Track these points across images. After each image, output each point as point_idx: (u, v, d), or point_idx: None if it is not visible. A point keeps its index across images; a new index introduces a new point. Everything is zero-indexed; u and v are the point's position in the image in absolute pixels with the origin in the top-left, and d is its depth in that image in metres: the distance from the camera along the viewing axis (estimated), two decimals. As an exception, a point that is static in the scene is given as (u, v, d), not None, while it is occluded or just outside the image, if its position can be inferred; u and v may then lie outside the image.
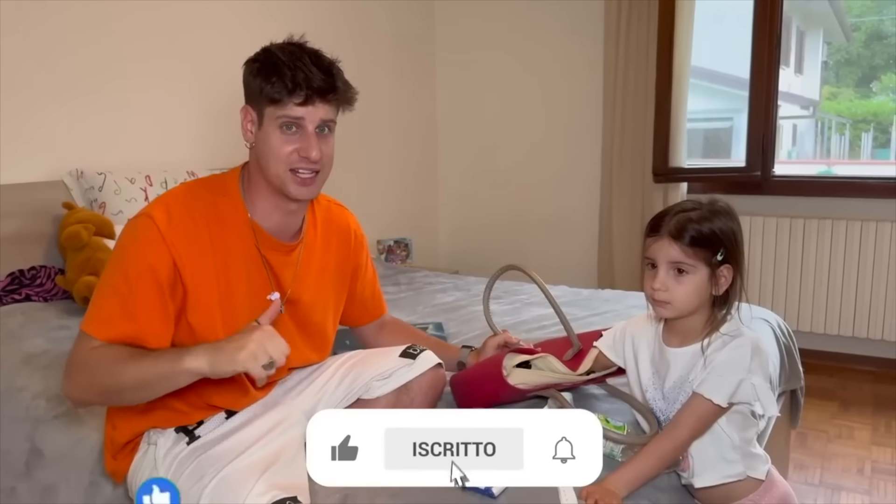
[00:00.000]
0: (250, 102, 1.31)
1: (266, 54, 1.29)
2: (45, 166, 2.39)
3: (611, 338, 1.38)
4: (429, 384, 1.45)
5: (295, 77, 1.24)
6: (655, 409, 1.31)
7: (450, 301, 2.53)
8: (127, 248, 1.25)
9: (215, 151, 2.96)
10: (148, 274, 1.21)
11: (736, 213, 1.25)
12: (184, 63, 2.83)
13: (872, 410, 2.99)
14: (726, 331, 1.22)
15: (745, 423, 1.25)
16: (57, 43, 2.41)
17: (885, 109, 4.90)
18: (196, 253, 1.27)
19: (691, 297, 1.21)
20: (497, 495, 1.15)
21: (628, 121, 3.63)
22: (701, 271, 1.20)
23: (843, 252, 3.34)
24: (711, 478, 1.25)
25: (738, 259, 1.22)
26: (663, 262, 1.22)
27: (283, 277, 1.39)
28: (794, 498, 1.32)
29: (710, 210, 1.22)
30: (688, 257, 1.20)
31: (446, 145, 4.37)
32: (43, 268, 2.26)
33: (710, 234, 1.19)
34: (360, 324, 1.67)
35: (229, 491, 1.17)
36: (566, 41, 3.91)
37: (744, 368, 1.18)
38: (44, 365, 1.74)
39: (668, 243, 1.21)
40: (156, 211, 1.26)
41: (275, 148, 1.28)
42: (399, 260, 3.74)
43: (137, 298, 1.21)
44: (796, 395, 2.25)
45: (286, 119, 1.27)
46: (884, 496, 2.31)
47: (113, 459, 1.41)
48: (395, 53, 3.98)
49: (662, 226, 1.22)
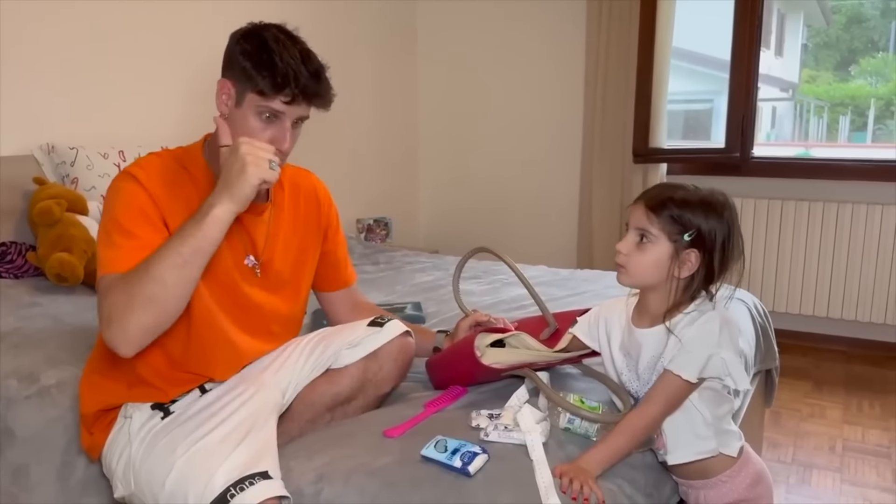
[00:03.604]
0: (231, 78, 1.31)
1: (260, 42, 1.29)
2: (15, 140, 2.34)
3: (585, 323, 1.38)
4: (397, 350, 1.47)
5: (286, 77, 1.26)
6: (631, 391, 1.31)
7: (429, 280, 2.52)
8: (114, 203, 1.28)
9: (190, 126, 2.90)
10: (139, 214, 1.26)
11: (733, 214, 1.21)
12: (158, 36, 2.77)
13: (844, 390, 3.05)
14: (693, 308, 1.22)
15: (717, 400, 1.25)
16: (27, 13, 2.34)
17: (862, 93, 4.95)
18: (175, 206, 1.30)
19: (648, 268, 1.21)
20: (473, 474, 1.15)
21: (609, 101, 3.63)
22: (662, 245, 1.19)
23: (818, 234, 3.38)
24: (684, 454, 1.26)
25: (712, 252, 1.19)
26: (632, 226, 1.23)
27: (256, 237, 1.43)
28: (769, 475, 1.34)
29: (700, 199, 1.20)
30: (651, 225, 1.20)
31: (427, 125, 4.34)
32: (13, 244, 2.22)
33: (683, 214, 1.18)
34: (331, 289, 1.67)
35: (201, 464, 1.17)
36: (548, 23, 3.88)
37: (713, 343, 1.19)
38: (14, 344, 1.71)
39: (640, 207, 1.22)
40: (133, 168, 1.31)
41: (250, 133, 1.29)
42: (379, 239, 3.72)
43: (137, 231, 1.25)
44: (771, 375, 2.28)
45: (267, 110, 1.29)
46: (854, 473, 2.36)
47: (89, 435, 1.41)
48: (376, 34, 3.93)
49: (647, 193, 1.23)
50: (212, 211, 1.18)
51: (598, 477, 1.16)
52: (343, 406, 1.44)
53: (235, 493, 1.11)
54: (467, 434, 1.25)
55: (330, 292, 1.67)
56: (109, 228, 1.26)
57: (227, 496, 1.11)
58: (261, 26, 1.33)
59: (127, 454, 1.30)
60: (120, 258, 1.22)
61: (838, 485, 2.29)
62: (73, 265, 2.06)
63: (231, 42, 1.33)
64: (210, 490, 1.12)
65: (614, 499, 1.16)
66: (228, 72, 1.32)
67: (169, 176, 1.32)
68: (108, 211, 1.28)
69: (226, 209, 1.19)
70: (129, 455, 1.29)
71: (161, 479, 1.20)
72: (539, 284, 2.39)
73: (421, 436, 1.25)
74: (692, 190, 1.22)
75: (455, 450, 1.18)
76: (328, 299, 1.69)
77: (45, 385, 1.54)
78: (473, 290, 2.39)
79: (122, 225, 1.25)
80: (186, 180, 1.35)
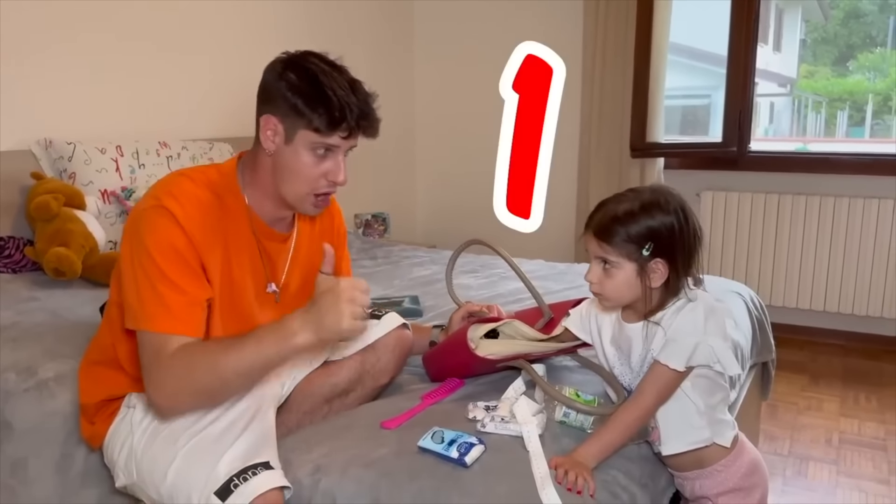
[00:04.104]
0: (277, 114, 1.25)
1: (307, 76, 1.23)
2: (13, 135, 2.34)
3: (577, 316, 1.39)
4: (395, 342, 1.48)
5: (342, 112, 1.23)
6: (624, 383, 1.32)
7: (426, 275, 2.53)
8: (149, 240, 1.20)
9: (187, 122, 2.91)
10: (179, 260, 1.20)
11: (679, 201, 1.21)
12: (157, 31, 2.77)
13: (841, 383, 3.06)
14: (676, 299, 1.22)
15: (710, 388, 1.26)
16: (25, 8, 2.34)
17: (860, 88, 4.94)
18: (213, 248, 1.26)
19: (622, 290, 1.22)
20: (470, 464, 1.15)
21: (606, 96, 3.63)
22: (625, 267, 1.20)
23: (815, 228, 3.38)
24: (678, 445, 1.26)
25: (675, 252, 1.19)
26: (592, 255, 1.23)
27: (278, 265, 1.40)
28: (764, 465, 1.35)
29: (642, 205, 1.19)
30: (609, 254, 1.20)
31: (424, 121, 4.34)
32: (11, 238, 2.22)
33: (632, 232, 1.18)
34: None
35: (203, 455, 1.18)
36: (544, 18, 3.87)
37: (698, 331, 1.19)
38: (13, 337, 1.71)
39: (591, 238, 1.22)
40: (169, 202, 1.22)
41: (303, 169, 1.26)
42: (377, 234, 3.72)
43: (182, 284, 1.20)
44: (767, 368, 2.29)
45: (323, 146, 1.26)
46: (850, 466, 2.37)
47: (90, 424, 1.40)
48: (373, 31, 3.93)
49: (591, 221, 1.23)
50: (295, 339, 1.15)
51: (594, 469, 1.17)
52: (341, 398, 1.45)
53: (239, 483, 1.12)
54: (464, 425, 1.26)
55: None
56: (150, 272, 1.19)
57: (231, 486, 1.12)
58: (300, 56, 1.27)
59: (129, 444, 1.30)
60: (171, 318, 1.18)
61: (834, 477, 2.30)
62: (70, 260, 2.06)
63: (271, 75, 1.26)
64: (213, 480, 1.13)
65: (610, 490, 1.17)
66: (271, 107, 1.25)
67: (206, 213, 1.26)
68: (141, 247, 1.20)
69: (308, 342, 1.15)
70: (130, 445, 1.29)
71: (163, 469, 1.20)
72: (536, 278, 2.39)
73: (418, 427, 1.26)
74: (632, 198, 1.21)
75: (452, 441, 1.19)
76: None
77: (44, 378, 1.54)
78: (471, 283, 2.39)
79: (164, 273, 1.19)
80: (223, 216, 1.29)
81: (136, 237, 1.22)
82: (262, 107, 1.28)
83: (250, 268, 1.34)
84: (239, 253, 1.32)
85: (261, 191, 1.32)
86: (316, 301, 1.16)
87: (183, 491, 1.16)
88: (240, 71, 3.09)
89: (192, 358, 1.17)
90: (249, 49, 3.09)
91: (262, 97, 1.28)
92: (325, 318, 1.14)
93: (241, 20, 3.05)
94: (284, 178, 1.28)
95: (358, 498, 1.15)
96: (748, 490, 1.29)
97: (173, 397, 1.19)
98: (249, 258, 1.34)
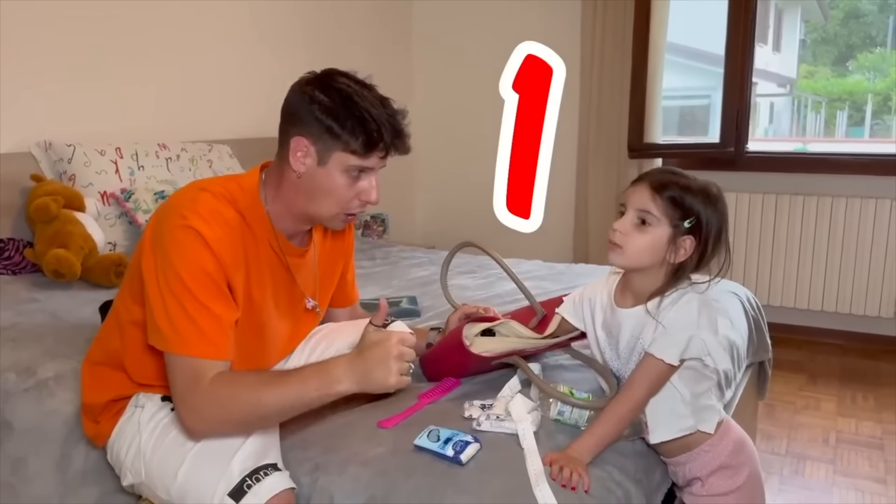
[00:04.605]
0: (308, 136, 1.22)
1: (339, 97, 1.22)
2: (13, 137, 2.35)
3: (570, 303, 1.40)
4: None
5: (381, 134, 1.22)
6: (613, 369, 1.33)
7: (425, 275, 2.53)
8: (177, 261, 1.17)
9: (187, 124, 2.92)
10: (209, 282, 1.18)
11: (726, 207, 1.24)
12: (156, 34, 2.78)
13: (839, 383, 3.06)
14: (673, 292, 1.23)
15: (697, 378, 1.27)
16: (25, 11, 2.35)
17: (860, 88, 4.95)
18: (239, 268, 1.25)
19: (645, 250, 1.21)
20: (465, 462, 1.16)
21: (604, 97, 3.64)
22: (662, 228, 1.20)
23: (813, 228, 3.39)
24: (665, 433, 1.27)
25: (707, 240, 1.21)
26: (633, 207, 1.23)
27: (300, 280, 1.41)
28: (751, 445, 1.36)
29: (700, 186, 1.22)
30: (657, 208, 1.20)
31: (423, 121, 4.33)
32: (11, 240, 2.23)
33: (685, 199, 1.19)
34: (337, 306, 1.67)
35: (213, 455, 1.19)
36: (543, 18, 3.88)
37: (692, 325, 1.20)
38: (13, 338, 1.72)
39: (644, 189, 1.22)
40: (197, 222, 1.18)
41: (337, 191, 1.26)
42: (375, 235, 3.73)
43: (213, 307, 1.18)
44: (764, 367, 2.29)
45: (359, 168, 1.25)
46: (847, 465, 2.37)
47: (94, 423, 1.40)
48: (371, 30, 3.94)
49: (649, 175, 1.24)
50: (339, 387, 1.16)
51: (588, 464, 1.18)
52: (344, 406, 1.45)
53: (252, 484, 1.13)
54: (460, 424, 1.27)
55: (335, 309, 1.67)
56: (180, 295, 1.16)
57: (244, 486, 1.13)
58: (328, 76, 1.25)
59: (136, 444, 1.29)
60: (206, 343, 1.16)
61: (831, 476, 2.31)
62: (70, 261, 2.07)
63: (298, 95, 1.24)
64: (227, 480, 1.14)
65: (604, 486, 1.17)
66: (301, 128, 1.23)
67: (232, 232, 1.23)
68: (170, 268, 1.16)
69: (350, 391, 1.17)
70: (138, 445, 1.29)
71: (173, 470, 1.21)
72: (535, 279, 2.40)
73: (414, 426, 1.26)
74: (692, 178, 1.23)
75: (447, 439, 1.19)
76: (331, 314, 1.69)
77: (43, 378, 1.55)
78: (468, 284, 2.40)
79: (196, 296, 1.16)
80: (246, 233, 1.27)
81: (163, 256, 1.18)
82: (290, 128, 1.25)
83: (271, 284, 1.33)
84: (259, 269, 1.30)
85: (284, 208, 1.31)
86: (363, 352, 1.17)
87: (193, 491, 1.17)
88: (239, 72, 3.10)
89: (234, 389, 1.16)
90: (249, 51, 3.10)
91: (290, 119, 1.25)
92: (372, 371, 1.15)
93: (241, 22, 3.06)
94: (316, 198, 1.27)
95: (355, 496, 1.15)
96: (736, 468, 1.30)
97: (211, 424, 1.18)
98: (271, 274, 1.33)
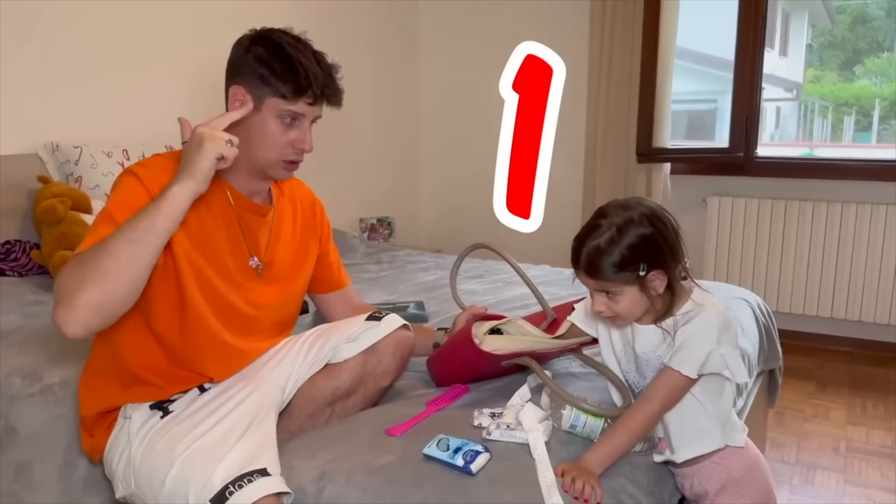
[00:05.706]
0: (244, 84, 1.32)
1: (274, 47, 1.32)
2: (20, 139, 2.34)
3: (582, 309, 1.39)
4: (395, 344, 1.49)
5: (308, 79, 1.31)
6: (630, 382, 1.32)
7: (431, 280, 2.52)
8: (111, 197, 1.28)
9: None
10: (132, 209, 1.21)
11: (644, 207, 1.21)
12: (162, 35, 2.78)
13: (848, 391, 3.04)
14: (690, 306, 1.23)
15: (719, 392, 1.26)
16: (31, 12, 2.34)
17: (867, 93, 4.92)
18: None
19: (633, 308, 1.23)
20: (475, 472, 1.15)
21: (612, 101, 3.62)
22: (628, 289, 1.20)
23: (822, 234, 3.36)
24: (693, 451, 1.26)
25: (666, 259, 1.20)
26: (592, 289, 1.24)
27: (259, 238, 1.44)
28: (766, 469, 1.33)
29: (618, 228, 1.18)
30: (610, 285, 1.21)
31: (429, 124, 4.34)
32: (18, 242, 2.22)
33: (621, 259, 1.18)
34: (327, 290, 1.68)
35: (200, 462, 1.18)
36: (551, 22, 3.87)
37: (712, 339, 1.19)
38: (18, 341, 1.71)
39: (586, 277, 1.23)
40: (136, 167, 1.30)
41: (271, 137, 1.34)
42: (381, 238, 3.72)
43: (119, 220, 1.21)
44: (774, 375, 2.27)
45: (290, 113, 1.33)
46: (857, 474, 2.35)
47: (90, 437, 1.41)
48: (378, 34, 3.93)
49: (578, 259, 1.23)
50: (170, 189, 1.19)
51: (601, 476, 1.16)
52: (343, 400, 1.44)
53: (234, 491, 1.12)
54: (469, 433, 1.25)
55: (326, 294, 1.69)
56: (98, 219, 1.25)
57: (226, 493, 1.12)
58: (268, 32, 1.36)
59: (127, 454, 1.30)
60: (92, 242, 1.19)
61: (842, 485, 2.28)
62: (76, 263, 2.06)
63: (239, 50, 1.35)
64: (209, 488, 1.13)
65: (616, 498, 1.16)
66: (239, 78, 1.33)
67: (170, 176, 1.28)
68: (105, 205, 1.28)
69: (184, 186, 1.19)
70: (129, 455, 1.29)
71: (161, 477, 1.20)
72: (542, 284, 2.37)
73: (423, 434, 1.25)
74: (605, 225, 1.20)
75: (457, 448, 1.18)
76: (325, 302, 1.70)
77: (49, 383, 1.54)
78: (476, 289, 2.39)
79: (111, 216, 1.23)
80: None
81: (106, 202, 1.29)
82: (230, 79, 1.35)
83: (227, 238, 1.38)
84: (216, 222, 1.36)
85: (234, 161, 1.32)
86: (183, 156, 1.24)
87: (180, 498, 1.16)
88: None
89: (82, 253, 1.17)
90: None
91: (230, 70, 1.36)
92: (193, 157, 1.20)
93: (249, 25, 3.04)
94: (253, 145, 1.34)
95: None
96: (747, 487, 1.28)
97: (70, 296, 1.11)
98: (227, 228, 1.38)
